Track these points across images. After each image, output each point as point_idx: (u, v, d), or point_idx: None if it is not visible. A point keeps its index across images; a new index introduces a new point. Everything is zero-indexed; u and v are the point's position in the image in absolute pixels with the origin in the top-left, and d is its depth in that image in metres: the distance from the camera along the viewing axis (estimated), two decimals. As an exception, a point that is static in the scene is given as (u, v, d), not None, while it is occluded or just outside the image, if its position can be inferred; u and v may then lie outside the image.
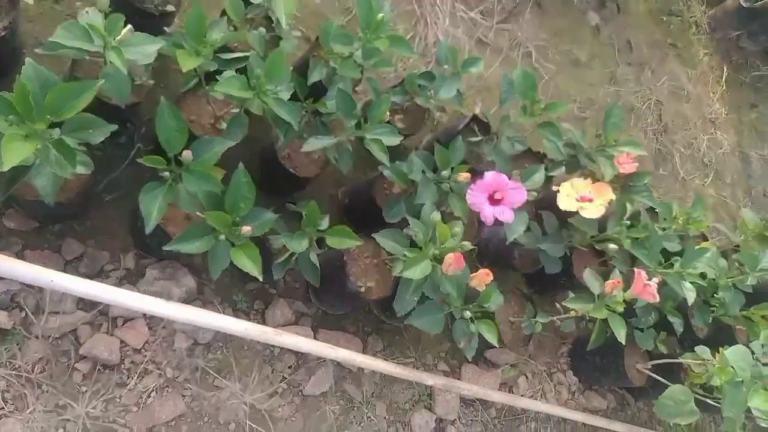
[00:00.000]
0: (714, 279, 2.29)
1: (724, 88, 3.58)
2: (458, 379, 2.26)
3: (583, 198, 2.02)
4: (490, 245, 2.40)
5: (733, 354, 1.97)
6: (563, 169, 2.16)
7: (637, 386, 2.46)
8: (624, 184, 2.26)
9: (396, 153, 1.80)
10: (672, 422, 2.39)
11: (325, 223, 1.60)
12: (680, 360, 2.33)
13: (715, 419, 2.99)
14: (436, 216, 1.57)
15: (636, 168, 2.17)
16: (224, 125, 1.57)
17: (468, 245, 1.58)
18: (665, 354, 2.42)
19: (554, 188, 2.09)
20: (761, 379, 1.93)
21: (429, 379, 2.01)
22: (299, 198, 1.82)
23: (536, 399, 2.41)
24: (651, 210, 2.35)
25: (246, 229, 1.39)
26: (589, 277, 1.88)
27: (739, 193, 3.57)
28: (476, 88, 2.61)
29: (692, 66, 3.46)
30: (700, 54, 3.53)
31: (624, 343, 1.82)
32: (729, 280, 2.29)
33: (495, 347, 2.40)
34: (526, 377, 2.45)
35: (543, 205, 2.28)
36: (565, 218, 2.12)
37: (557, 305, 2.02)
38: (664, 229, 2.20)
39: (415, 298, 1.67)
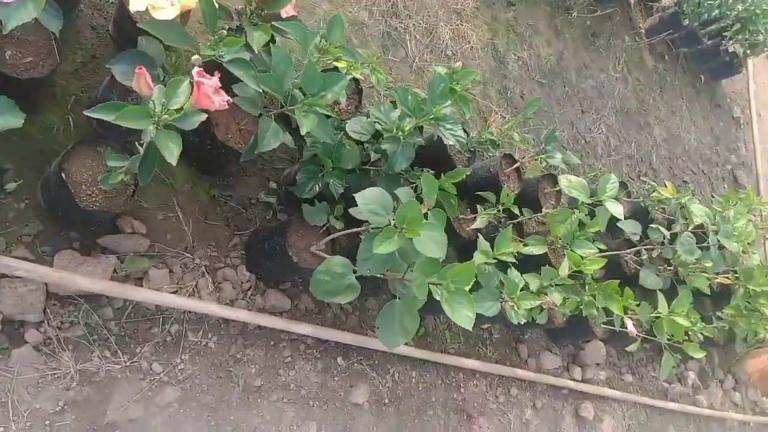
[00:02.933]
0: (383, 130, 1.91)
1: (471, -21, 3.31)
2: (50, 267, 1.69)
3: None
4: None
5: (364, 198, 1.57)
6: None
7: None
8: (267, 17, 1.83)
9: None
10: (331, 302, 1.98)
11: None
12: (355, 230, 1.94)
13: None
14: None
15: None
16: None
17: None
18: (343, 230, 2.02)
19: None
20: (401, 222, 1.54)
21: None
22: None
23: (183, 296, 1.90)
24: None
25: None
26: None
27: (492, 93, 3.31)
28: None
29: (430, -50, 3.14)
30: (442, -60, 3.22)
31: (174, 164, 1.33)
32: (398, 132, 1.91)
33: (118, 234, 1.88)
34: (171, 271, 1.93)
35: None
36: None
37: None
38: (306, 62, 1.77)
39: None
